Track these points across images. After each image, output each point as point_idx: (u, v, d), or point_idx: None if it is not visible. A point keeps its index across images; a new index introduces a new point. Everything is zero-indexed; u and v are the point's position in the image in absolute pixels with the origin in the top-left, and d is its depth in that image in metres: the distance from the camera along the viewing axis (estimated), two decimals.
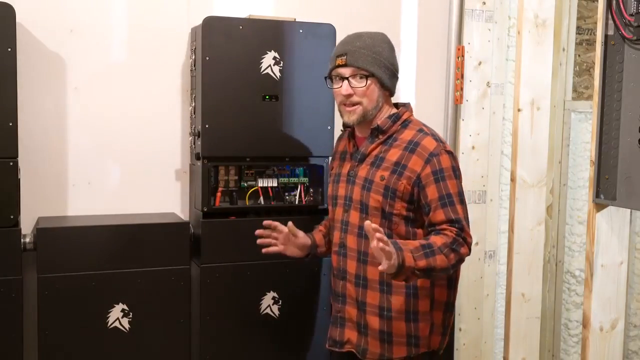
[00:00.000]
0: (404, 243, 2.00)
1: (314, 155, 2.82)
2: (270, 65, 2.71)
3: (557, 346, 3.41)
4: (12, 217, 2.46)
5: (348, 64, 2.15)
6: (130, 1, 2.83)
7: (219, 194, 2.74)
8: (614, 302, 2.57)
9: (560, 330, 3.40)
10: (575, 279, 3.32)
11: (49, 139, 2.76)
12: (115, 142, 2.85)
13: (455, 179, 2.12)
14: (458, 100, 3.27)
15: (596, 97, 2.43)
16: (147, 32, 2.86)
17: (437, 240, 2.03)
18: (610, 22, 2.37)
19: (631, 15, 2.30)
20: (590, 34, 3.42)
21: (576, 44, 3.37)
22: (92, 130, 2.81)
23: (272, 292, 2.80)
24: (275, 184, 2.81)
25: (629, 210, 2.55)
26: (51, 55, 2.74)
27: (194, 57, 2.78)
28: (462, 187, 2.15)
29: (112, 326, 2.61)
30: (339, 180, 2.28)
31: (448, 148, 2.15)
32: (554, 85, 3.25)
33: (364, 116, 2.17)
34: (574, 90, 3.40)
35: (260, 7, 3.00)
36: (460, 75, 3.26)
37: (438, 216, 2.08)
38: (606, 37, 2.39)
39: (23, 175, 2.62)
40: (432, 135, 2.16)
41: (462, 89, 3.27)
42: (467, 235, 2.09)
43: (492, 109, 3.36)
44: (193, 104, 2.81)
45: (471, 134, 3.32)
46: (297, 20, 2.84)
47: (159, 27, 2.87)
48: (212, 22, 2.65)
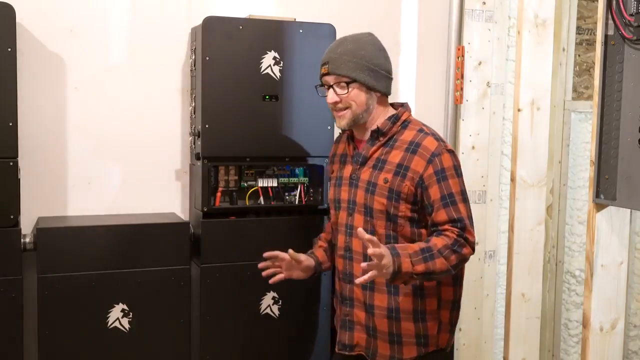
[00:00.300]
0: (402, 247, 2.00)
1: (313, 155, 2.82)
2: (270, 65, 2.71)
3: (557, 346, 3.41)
4: (12, 217, 2.46)
5: (330, 72, 2.16)
6: (130, 1, 2.83)
7: (219, 194, 2.74)
8: (614, 302, 2.57)
9: (560, 330, 3.40)
10: (575, 279, 3.31)
11: (49, 139, 2.76)
12: (115, 142, 2.85)
13: (457, 177, 2.12)
14: (458, 100, 3.27)
15: (596, 97, 2.43)
16: (147, 32, 2.86)
17: (437, 242, 2.03)
18: (610, 22, 2.37)
19: (631, 15, 2.30)
20: (590, 34, 3.42)
21: (576, 44, 3.37)
22: (92, 130, 2.81)
23: (272, 292, 2.80)
24: (275, 184, 2.81)
25: (629, 210, 2.55)
26: (51, 55, 2.74)
27: (194, 57, 2.78)
28: (465, 185, 2.15)
29: (112, 326, 2.61)
30: (341, 184, 2.27)
31: (449, 147, 2.15)
32: (554, 85, 3.25)
33: (354, 120, 2.18)
34: (574, 90, 3.40)
35: (260, 7, 3.00)
36: (460, 75, 3.26)
37: (440, 216, 2.08)
38: (606, 37, 2.39)
39: (23, 175, 2.62)
40: (433, 135, 2.16)
41: (462, 89, 3.27)
42: (469, 234, 2.08)
43: (492, 109, 3.36)
44: (193, 104, 2.81)
45: (471, 134, 3.32)
46: (297, 20, 2.84)
47: (158, 27, 2.87)
48: (212, 22, 2.65)
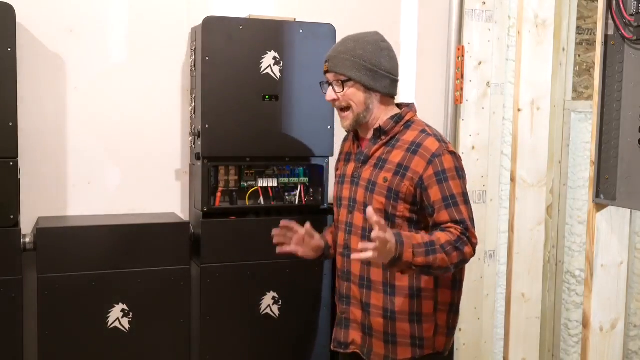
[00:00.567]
0: (408, 237, 1.98)
1: (314, 155, 2.82)
2: (270, 65, 2.71)
3: (557, 346, 3.41)
4: (12, 217, 2.46)
5: (330, 70, 2.19)
6: (130, 1, 2.83)
7: (219, 194, 2.74)
8: (614, 302, 2.57)
9: (560, 330, 3.40)
10: (575, 279, 3.31)
11: (49, 139, 2.76)
12: (115, 142, 2.85)
13: (458, 179, 2.10)
14: (458, 100, 3.27)
15: (596, 97, 2.43)
16: (147, 32, 2.86)
17: (441, 237, 2.02)
18: (610, 22, 2.37)
19: (631, 15, 2.30)
20: (590, 34, 3.42)
21: (576, 44, 3.37)
22: (92, 130, 2.81)
23: (272, 292, 2.80)
24: (275, 184, 2.81)
25: (629, 210, 2.55)
26: (51, 55, 2.74)
27: (194, 57, 2.78)
28: (467, 187, 2.14)
29: (112, 326, 2.62)
30: (344, 182, 2.28)
31: (451, 148, 2.14)
32: (554, 85, 3.25)
33: (357, 121, 2.19)
34: (574, 90, 3.40)
35: (260, 7, 3.00)
36: (460, 75, 3.26)
37: (442, 217, 2.07)
38: (606, 37, 2.39)
39: (23, 175, 2.62)
40: (435, 136, 2.14)
41: (462, 89, 3.27)
42: (472, 235, 2.07)
43: (492, 109, 3.36)
44: (193, 104, 2.81)
45: (471, 134, 3.32)
46: (297, 20, 2.84)
47: (158, 27, 2.87)
48: (212, 22, 2.65)
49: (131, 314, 2.63)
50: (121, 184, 2.87)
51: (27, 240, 2.56)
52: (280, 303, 2.81)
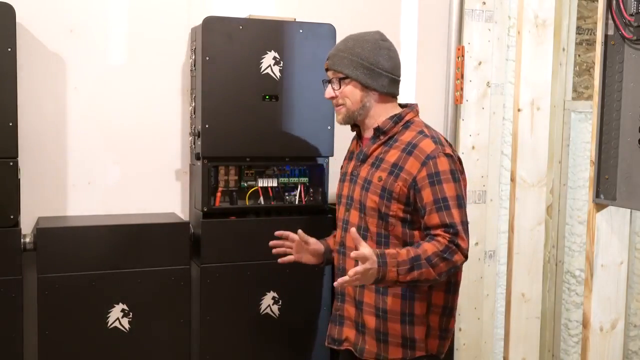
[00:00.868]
0: (392, 255, 1.98)
1: (313, 155, 2.82)
2: (270, 65, 2.71)
3: (557, 346, 3.41)
4: (12, 217, 2.46)
5: (329, 68, 2.22)
6: (130, 1, 2.83)
7: (219, 194, 2.74)
8: (614, 302, 2.57)
9: (560, 330, 3.40)
10: (575, 279, 3.32)
11: (49, 139, 2.76)
12: (115, 142, 2.85)
13: (453, 182, 2.07)
14: (458, 100, 3.27)
15: (596, 97, 2.43)
16: (147, 32, 2.86)
17: (428, 249, 2.00)
18: (610, 22, 2.37)
19: (631, 15, 2.30)
20: (590, 34, 3.42)
21: (576, 44, 3.37)
22: (91, 130, 2.81)
23: (272, 292, 2.80)
24: (275, 184, 2.81)
25: (629, 210, 2.55)
26: (51, 55, 2.74)
27: (194, 57, 2.78)
28: (462, 191, 2.11)
29: (112, 326, 2.61)
30: (344, 180, 2.30)
31: (447, 151, 2.12)
32: (554, 85, 3.25)
33: (349, 116, 2.21)
34: (574, 90, 3.40)
35: (260, 7, 3.00)
36: (460, 75, 3.26)
37: (433, 220, 2.05)
38: (606, 37, 2.39)
39: (23, 175, 2.62)
40: (432, 138, 2.13)
41: (462, 89, 3.27)
42: (461, 240, 2.03)
43: (492, 109, 3.36)
44: (193, 104, 2.81)
45: (471, 134, 3.32)
46: (297, 20, 2.84)
47: (159, 27, 2.87)
48: (212, 22, 2.65)
49: (131, 314, 2.63)
50: (121, 183, 2.87)
51: (27, 240, 2.56)
52: (280, 303, 2.81)
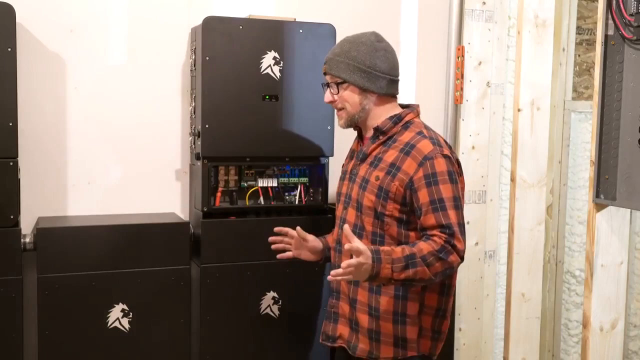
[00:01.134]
0: (387, 252, 1.98)
1: (314, 155, 2.82)
2: (270, 65, 2.71)
3: (557, 346, 3.41)
4: (12, 217, 2.46)
5: (327, 72, 2.23)
6: (130, 1, 2.83)
7: (219, 194, 2.74)
8: (614, 302, 2.57)
9: (560, 330, 3.40)
10: (575, 279, 3.32)
11: (49, 139, 2.76)
12: (115, 142, 2.85)
13: (450, 183, 2.07)
14: (458, 100, 3.27)
15: (596, 97, 2.43)
16: (147, 32, 2.86)
17: (423, 248, 1.99)
18: (610, 22, 2.37)
19: (631, 15, 2.30)
20: (590, 34, 3.42)
21: (576, 44, 3.37)
22: (91, 130, 2.81)
23: (272, 292, 2.80)
24: (275, 184, 2.81)
25: (629, 210, 2.55)
26: (51, 55, 2.74)
27: (194, 57, 2.78)
28: (460, 192, 2.10)
29: (112, 326, 2.61)
30: (344, 178, 2.31)
31: (445, 152, 2.11)
32: (554, 85, 3.25)
33: (350, 120, 2.22)
34: (574, 90, 3.40)
35: (260, 7, 3.00)
36: (460, 75, 3.26)
37: (429, 220, 2.05)
38: (606, 37, 2.39)
39: (23, 175, 2.62)
40: (430, 139, 2.13)
41: (462, 89, 3.27)
42: (458, 242, 2.02)
43: (492, 109, 3.36)
44: (193, 104, 2.81)
45: (471, 134, 3.32)
46: (297, 20, 2.84)
47: (158, 27, 2.87)
48: (212, 22, 2.65)
49: (131, 314, 2.63)
50: (121, 183, 2.87)
51: (27, 240, 2.56)
52: (280, 303, 2.81)
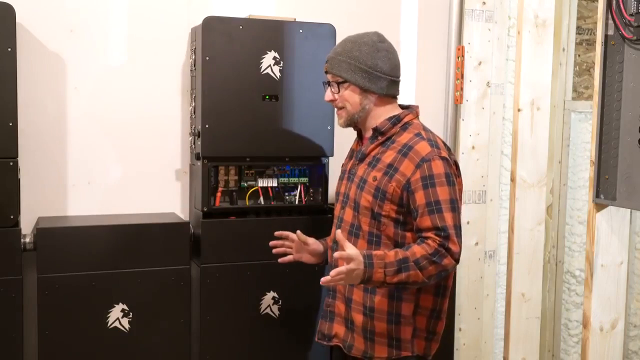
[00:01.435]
0: (379, 257, 1.99)
1: (313, 155, 2.82)
2: (270, 65, 2.71)
3: (557, 346, 3.41)
4: (12, 217, 2.46)
5: (328, 71, 2.23)
6: (130, 1, 2.83)
7: (219, 194, 2.74)
8: (614, 302, 2.57)
9: (560, 330, 3.40)
10: (575, 279, 3.32)
11: (49, 139, 2.76)
12: (115, 142, 2.85)
13: (447, 185, 2.07)
14: (458, 100, 3.27)
15: (596, 97, 2.43)
16: (147, 32, 2.86)
17: (417, 252, 2.00)
18: (610, 22, 2.37)
19: (631, 15, 2.30)
20: (590, 34, 3.42)
21: (576, 44, 3.37)
22: (91, 130, 2.81)
23: (272, 292, 2.80)
24: (275, 184, 2.81)
25: (629, 210, 2.55)
26: (51, 55, 2.74)
27: (194, 57, 2.78)
28: (457, 194, 2.10)
29: (112, 326, 2.61)
30: (343, 178, 2.32)
31: (443, 154, 2.11)
32: (554, 85, 3.25)
33: (350, 119, 2.23)
34: (574, 90, 3.40)
35: (260, 7, 3.00)
36: (460, 75, 3.26)
37: (425, 222, 2.05)
38: (606, 37, 2.39)
39: (23, 175, 2.62)
40: (428, 140, 2.13)
41: (462, 89, 3.27)
42: (452, 244, 2.02)
43: (492, 109, 3.36)
44: (193, 104, 2.81)
45: (471, 134, 3.32)
46: (297, 20, 2.84)
47: (159, 27, 2.87)
48: (212, 22, 2.65)
49: (131, 314, 2.63)
50: (121, 183, 2.87)
51: (27, 240, 2.56)
52: (280, 303, 2.81)
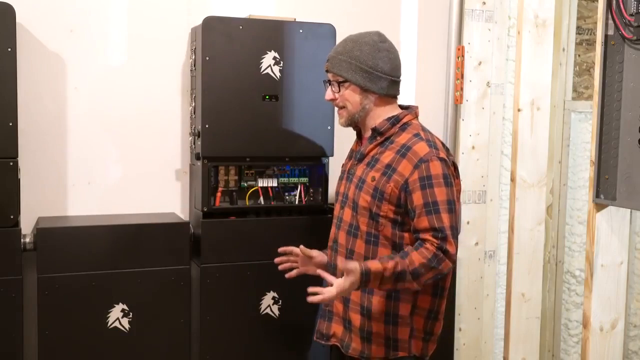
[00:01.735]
0: (376, 269, 1.98)
1: (313, 155, 2.82)
2: (270, 65, 2.71)
3: (557, 346, 3.41)
4: (12, 217, 2.46)
5: (329, 70, 2.23)
6: (130, 1, 2.83)
7: (219, 194, 2.74)
8: (614, 302, 2.57)
9: (560, 330, 3.40)
10: (575, 279, 3.32)
11: (49, 138, 2.76)
12: (115, 141, 2.85)
13: (445, 186, 2.07)
14: (458, 100, 3.27)
15: (596, 97, 2.43)
16: (147, 32, 2.86)
17: (415, 259, 2.00)
18: (610, 22, 2.37)
19: (631, 15, 2.30)
20: (590, 34, 3.42)
21: (576, 44, 3.37)
22: (92, 130, 2.81)
23: (272, 292, 2.80)
24: (275, 184, 2.81)
25: (629, 210, 2.55)
26: (51, 55, 2.74)
27: (194, 57, 2.78)
28: (455, 195, 2.10)
29: (112, 326, 2.62)
30: (342, 178, 2.32)
31: (441, 155, 2.11)
32: (554, 85, 3.25)
33: (350, 119, 2.23)
34: (574, 90, 3.40)
35: (260, 7, 3.00)
36: (460, 75, 3.26)
37: (422, 223, 2.05)
38: (606, 37, 2.39)
39: (23, 175, 2.62)
40: (427, 141, 2.13)
41: (462, 89, 3.27)
42: (449, 245, 2.02)
43: (492, 109, 3.36)
44: (193, 104, 2.81)
45: (471, 134, 3.32)
46: (297, 20, 2.84)
47: (159, 27, 2.87)
48: (212, 22, 2.65)
49: (131, 314, 2.63)
50: (121, 183, 2.87)
51: (27, 240, 2.56)
52: (280, 303, 2.81)
